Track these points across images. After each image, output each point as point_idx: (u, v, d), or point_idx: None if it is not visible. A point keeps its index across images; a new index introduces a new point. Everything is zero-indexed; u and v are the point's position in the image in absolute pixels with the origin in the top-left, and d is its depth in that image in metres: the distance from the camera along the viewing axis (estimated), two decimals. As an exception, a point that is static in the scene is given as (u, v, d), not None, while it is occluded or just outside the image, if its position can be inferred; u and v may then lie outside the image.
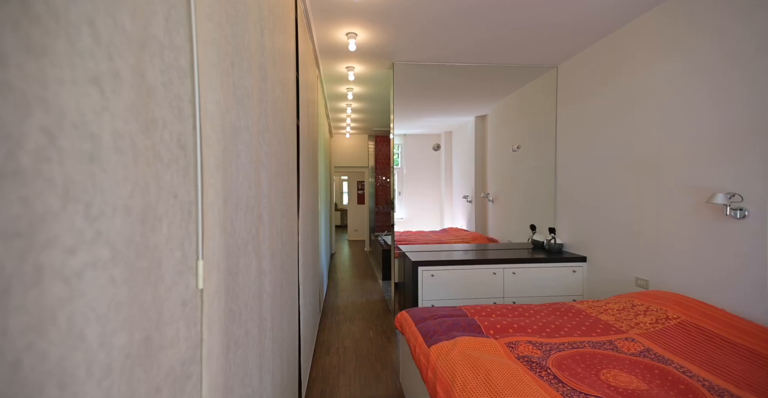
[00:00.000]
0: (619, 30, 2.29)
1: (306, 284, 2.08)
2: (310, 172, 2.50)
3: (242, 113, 0.82)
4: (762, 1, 1.50)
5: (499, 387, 1.12)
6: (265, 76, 1.09)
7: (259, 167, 1.03)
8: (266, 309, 1.07)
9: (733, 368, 1.25)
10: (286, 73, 1.48)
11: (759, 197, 1.52)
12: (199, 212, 0.55)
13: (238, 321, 0.76)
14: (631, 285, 2.18)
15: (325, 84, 3.60)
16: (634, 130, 2.17)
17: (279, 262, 1.33)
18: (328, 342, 2.68)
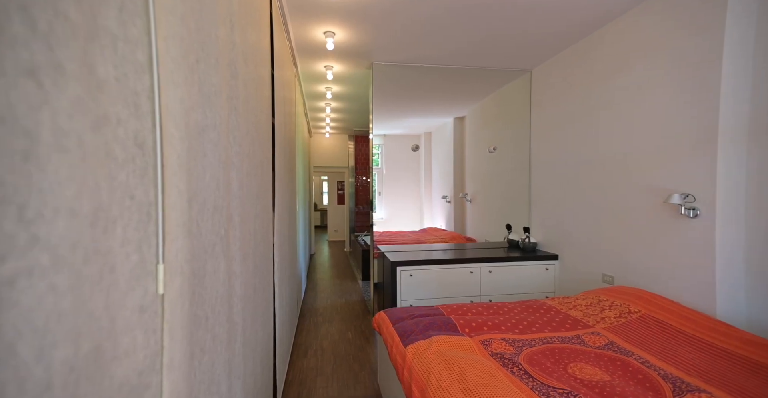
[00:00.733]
0: (588, 38, 2.39)
1: (282, 285, 2.04)
2: (287, 172, 2.45)
3: (209, 110, 0.79)
4: (711, 20, 1.61)
5: (472, 385, 1.14)
6: (235, 73, 1.05)
7: (228, 167, 1.00)
8: (237, 313, 1.04)
9: (685, 357, 1.33)
10: (259, 70, 1.45)
11: (708, 198, 1.63)
12: (160, 213, 0.52)
13: (205, 326, 0.73)
14: (599, 282, 2.29)
15: (304, 83, 3.55)
16: (601, 133, 2.28)
17: (252, 264, 1.30)
18: (305, 344, 2.64)
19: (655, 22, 1.91)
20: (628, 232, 2.06)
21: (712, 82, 1.62)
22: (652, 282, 1.90)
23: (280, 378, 1.90)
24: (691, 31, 1.72)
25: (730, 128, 1.60)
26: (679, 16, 1.78)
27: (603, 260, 2.26)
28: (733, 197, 1.61)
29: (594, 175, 2.33)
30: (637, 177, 2.01)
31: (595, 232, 2.33)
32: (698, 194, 1.66)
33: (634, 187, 2.02)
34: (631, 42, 2.06)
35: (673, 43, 1.80)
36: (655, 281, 1.89)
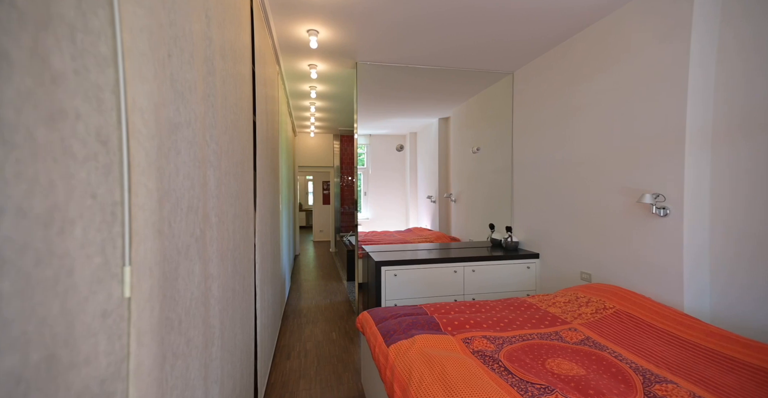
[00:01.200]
0: (565, 42, 2.45)
1: (264, 287, 2.01)
2: (270, 171, 2.41)
3: (183, 107, 0.77)
4: (678, 29, 1.68)
5: (452, 382, 1.15)
6: (212, 69, 1.03)
7: (205, 166, 0.97)
8: (214, 316, 1.01)
9: (655, 350, 1.39)
10: (239, 67, 1.42)
11: (677, 197, 1.71)
12: (126, 213, 0.50)
13: (178, 330, 0.71)
14: (577, 279, 2.35)
15: (287, 81, 3.50)
16: (578, 135, 2.34)
17: (231, 265, 1.27)
18: (289, 346, 2.60)
19: (627, 28, 1.98)
20: (605, 231, 2.13)
21: (679, 87, 1.69)
22: (627, 279, 1.97)
23: (262, 381, 1.87)
24: (660, 39, 1.79)
25: (696, 131, 1.67)
26: (649, 24, 1.86)
27: (581, 258, 2.33)
28: (699, 198, 1.69)
29: (573, 176, 2.40)
30: (612, 178, 2.08)
31: (573, 231, 2.40)
32: (668, 194, 1.74)
33: (610, 187, 2.09)
34: (605, 47, 2.13)
35: (645, 49, 1.87)
36: (630, 277, 1.95)
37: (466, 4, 2.00)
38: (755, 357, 1.24)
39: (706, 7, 1.64)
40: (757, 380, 1.16)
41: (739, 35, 1.58)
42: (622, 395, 1.11)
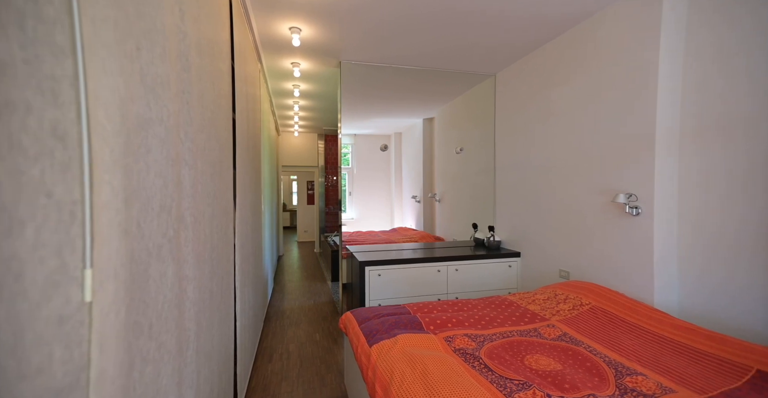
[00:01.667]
0: (544, 46, 2.51)
1: (244, 288, 1.96)
2: (251, 170, 2.37)
3: (154, 103, 0.74)
4: (648, 36, 1.74)
5: (433, 381, 1.15)
6: (187, 65, 0.99)
7: (179, 164, 0.94)
8: (189, 319, 0.98)
9: (627, 344, 1.44)
10: (217, 64, 1.38)
11: (648, 197, 1.78)
12: (87, 213, 0.48)
13: (148, 335, 0.68)
14: (556, 277, 2.41)
15: (270, 79, 3.45)
16: (558, 137, 2.40)
17: (208, 267, 1.23)
18: (271, 348, 2.56)
19: (600, 35, 2.05)
20: (582, 230, 2.19)
21: (650, 91, 1.77)
22: (602, 276, 2.03)
23: (242, 384, 1.83)
24: (632, 46, 1.86)
25: (665, 134, 1.75)
26: (621, 32, 1.93)
27: (560, 256, 2.39)
28: (668, 197, 1.76)
29: (552, 176, 2.46)
30: (589, 179, 2.14)
31: (552, 230, 2.46)
32: (640, 194, 1.81)
33: (587, 188, 2.15)
34: (581, 52, 2.19)
35: (618, 55, 1.94)
36: (605, 274, 2.02)
37: (447, 7, 2.02)
38: (716, 348, 1.31)
39: (673, 16, 1.72)
40: (717, 369, 1.23)
41: (703, 43, 1.66)
42: (596, 388, 1.14)
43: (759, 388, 1.09)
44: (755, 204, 1.48)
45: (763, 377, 1.14)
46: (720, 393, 1.09)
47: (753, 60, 1.49)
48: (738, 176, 1.54)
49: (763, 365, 1.18)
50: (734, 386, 1.12)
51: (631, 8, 1.88)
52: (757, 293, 1.47)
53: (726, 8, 1.58)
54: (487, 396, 1.08)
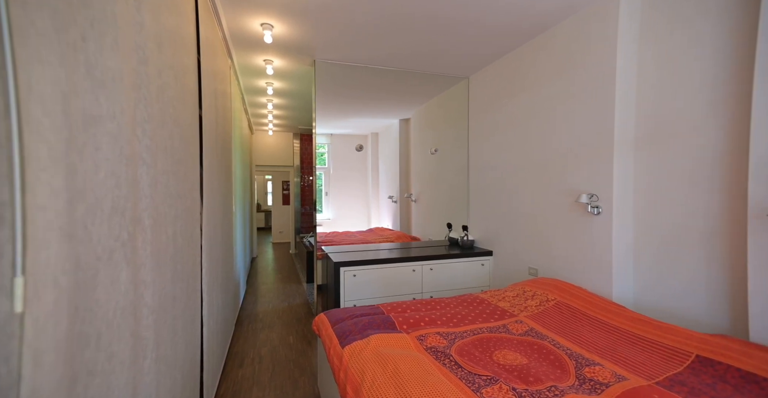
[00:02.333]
0: (513, 52, 2.59)
1: (213, 292, 1.89)
2: (221, 169, 2.28)
3: (104, 98, 0.69)
4: (607, 45, 1.84)
5: (404, 379, 1.16)
6: (145, 58, 0.94)
7: (136, 163, 0.89)
8: (147, 326, 0.93)
9: (587, 336, 1.52)
10: (180, 58, 1.32)
11: (607, 197, 1.88)
12: (18, 215, 0.44)
13: (96, 345, 0.64)
14: (526, 274, 2.49)
15: (241, 76, 3.34)
16: (526, 140, 2.48)
17: (170, 270, 1.17)
18: (242, 353, 2.48)
19: (564, 43, 2.15)
20: (549, 228, 2.28)
21: (608, 97, 1.88)
22: (568, 272, 2.13)
23: (209, 392, 1.76)
24: (592, 54, 1.97)
25: (621, 137, 1.86)
26: (582, 41, 2.03)
27: (529, 254, 2.47)
28: (625, 197, 1.87)
29: (522, 177, 2.54)
30: (555, 180, 2.23)
31: (522, 229, 2.54)
32: (600, 194, 1.91)
33: (553, 188, 2.24)
34: (548, 59, 2.29)
35: (580, 62, 2.05)
36: (570, 271, 2.11)
37: (414, 11, 2.04)
38: (664, 337, 1.41)
39: (627, 28, 1.84)
40: (663, 356, 1.33)
41: (654, 54, 1.78)
42: (558, 379, 1.19)
43: (697, 372, 1.21)
44: (698, 204, 1.60)
45: (701, 361, 1.25)
46: (665, 378, 1.19)
47: (694, 70, 1.62)
48: (683, 177, 1.66)
49: (701, 350, 1.29)
50: (677, 371, 1.22)
51: (590, 21, 1.99)
52: (699, 285, 1.60)
53: (671, 23, 1.70)
54: (455, 392, 1.10)
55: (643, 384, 1.14)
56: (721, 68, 1.52)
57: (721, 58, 1.52)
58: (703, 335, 1.36)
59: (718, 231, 1.53)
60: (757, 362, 1.15)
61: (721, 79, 1.52)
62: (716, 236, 1.54)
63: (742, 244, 1.43)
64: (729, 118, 1.50)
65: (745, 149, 1.41)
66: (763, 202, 1.31)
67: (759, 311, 1.33)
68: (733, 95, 1.48)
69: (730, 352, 1.23)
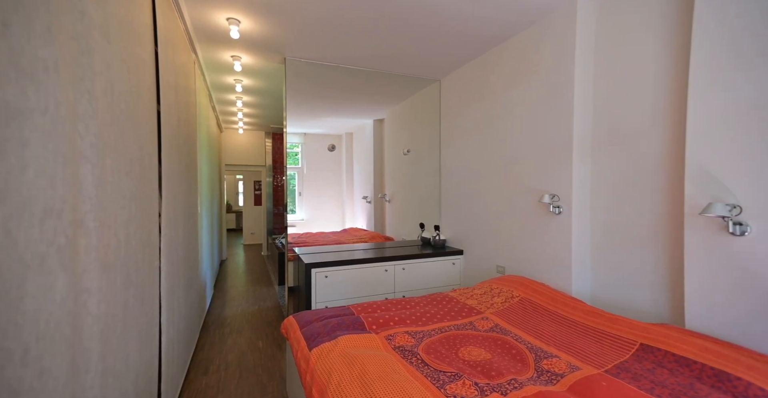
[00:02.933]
0: (482, 57, 2.66)
1: (173, 297, 1.80)
2: (184, 169, 2.18)
3: (33, 90, 0.64)
4: (565, 53, 1.94)
5: (370, 379, 1.16)
6: (88, 49, 0.88)
7: (77, 162, 0.83)
8: (90, 337, 0.86)
9: (547, 330, 1.59)
10: (134, 50, 1.25)
11: (567, 197, 1.98)
12: None
13: (21, 361, 0.59)
14: (494, 272, 2.56)
15: (208, 72, 3.21)
16: (494, 142, 2.56)
17: (121, 276, 1.10)
18: (207, 360, 2.38)
19: (528, 51, 2.24)
20: (515, 227, 2.36)
21: (568, 103, 1.97)
22: (532, 270, 2.21)
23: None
24: (553, 62, 2.06)
25: (580, 141, 1.96)
26: (545, 49, 2.12)
27: (497, 252, 2.54)
28: (583, 197, 1.98)
29: (490, 178, 2.61)
30: (520, 181, 2.31)
31: (490, 228, 2.61)
32: (561, 195, 2.00)
33: (519, 189, 2.32)
34: (513, 65, 2.38)
35: (542, 69, 2.14)
36: (534, 268, 2.20)
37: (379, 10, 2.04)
38: (614, 328, 1.50)
39: (584, 39, 1.94)
40: (613, 345, 1.41)
41: (607, 64, 1.90)
42: (518, 372, 1.24)
43: (640, 358, 1.30)
44: (645, 204, 1.72)
45: (644, 349, 1.34)
46: (613, 366, 1.27)
47: (640, 81, 1.74)
48: (632, 180, 1.78)
49: (644, 339, 1.38)
50: (624, 359, 1.31)
51: (549, 31, 2.08)
52: (645, 278, 1.72)
53: (621, 37, 1.82)
54: (420, 389, 1.11)
55: (593, 373, 1.21)
56: (661, 81, 1.65)
57: (662, 72, 1.65)
58: (647, 324, 1.46)
59: (661, 229, 1.65)
60: (689, 347, 1.26)
61: (662, 91, 1.64)
62: (659, 234, 1.66)
63: (681, 241, 1.54)
64: (669, 127, 1.62)
65: (683, 155, 1.53)
66: (696, 202, 1.43)
67: (694, 300, 1.46)
68: (672, 106, 1.61)
69: (668, 339, 1.32)
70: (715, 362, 1.15)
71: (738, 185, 1.33)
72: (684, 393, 1.07)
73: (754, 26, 1.30)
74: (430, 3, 1.97)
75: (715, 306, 1.39)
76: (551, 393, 1.09)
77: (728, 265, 1.35)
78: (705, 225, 1.41)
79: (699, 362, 1.18)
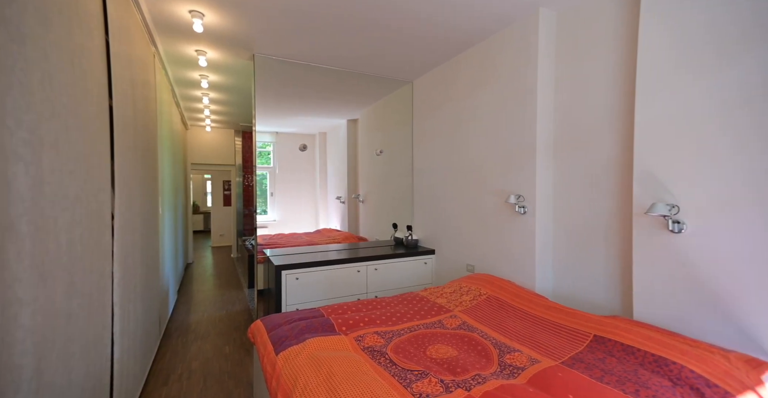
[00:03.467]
0: (452, 60, 2.71)
1: (128, 305, 1.69)
2: (141, 168, 2.06)
3: (-54, 79, 0.57)
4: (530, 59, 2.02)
5: (338, 382, 1.14)
6: (20, 36, 0.80)
7: (7, 160, 0.75)
8: (22, 353, 0.79)
9: (511, 326, 1.65)
10: (77, 39, 1.15)
11: (531, 198, 2.06)
12: None
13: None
14: (464, 271, 2.61)
15: (170, 66, 3.05)
16: (464, 144, 2.61)
17: (63, 284, 1.02)
18: (168, 369, 2.26)
19: (495, 56, 2.31)
20: (483, 227, 2.43)
21: (532, 107, 2.05)
22: (499, 267, 2.28)
23: (124, 417, 1.57)
24: (518, 68, 2.14)
25: (543, 144, 2.05)
26: (509, 55, 2.20)
27: (467, 251, 2.60)
28: (546, 198, 2.06)
29: (459, 179, 2.66)
30: (488, 181, 2.38)
31: (461, 228, 2.66)
32: (526, 195, 2.08)
33: (487, 190, 2.39)
34: (480, 69, 2.44)
35: (508, 74, 2.21)
36: (501, 266, 2.27)
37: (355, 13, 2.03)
38: (572, 321, 1.58)
39: (546, 47, 2.03)
40: (570, 338, 1.48)
41: (567, 72, 1.99)
42: (483, 368, 1.27)
43: (593, 349, 1.38)
44: (600, 204, 1.83)
45: (597, 340, 1.42)
46: (569, 358, 1.34)
47: (595, 89, 1.85)
48: (589, 181, 1.89)
49: (598, 330, 1.47)
50: (579, 350, 1.39)
51: (513, 38, 2.16)
52: (600, 273, 1.83)
53: (578, 47, 1.92)
54: (387, 389, 1.11)
55: (551, 365, 1.28)
56: (613, 89, 1.76)
57: (614, 80, 1.76)
58: (600, 317, 1.55)
59: (614, 228, 1.76)
60: (635, 336, 1.35)
61: (615, 98, 1.76)
62: (612, 232, 1.77)
63: (631, 238, 1.65)
64: (620, 132, 1.73)
65: (632, 159, 1.63)
66: (643, 203, 1.55)
67: (640, 293, 1.57)
68: (623, 112, 1.71)
69: (617, 330, 1.41)
70: (655, 349, 1.25)
71: (676, 186, 1.45)
72: (629, 379, 1.15)
73: (693, 39, 1.41)
74: (401, 6, 1.98)
75: (658, 298, 1.51)
76: (512, 386, 1.12)
77: (668, 259, 1.47)
78: (650, 224, 1.52)
79: (642, 350, 1.27)
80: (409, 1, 1.93)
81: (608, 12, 1.77)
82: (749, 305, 1.26)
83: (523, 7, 2.00)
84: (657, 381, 1.12)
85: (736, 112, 1.29)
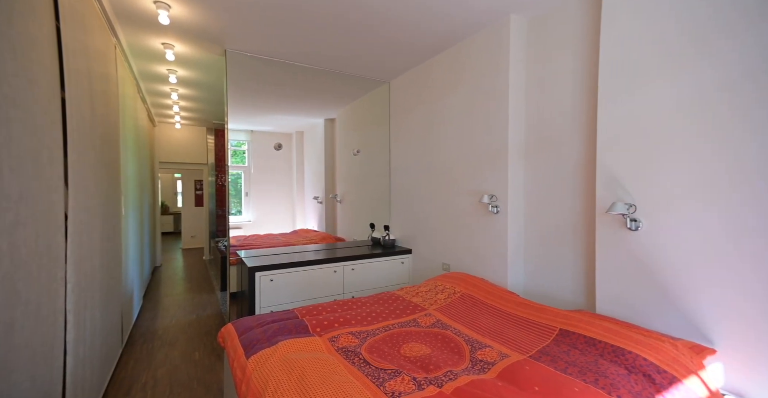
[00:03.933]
0: (427, 61, 2.74)
1: (85, 312, 1.59)
2: (102, 164, 1.94)
3: None
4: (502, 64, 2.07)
5: (310, 384, 1.12)
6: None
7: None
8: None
9: (483, 323, 1.68)
10: (19, 26, 1.07)
11: (504, 198, 2.12)
12: None
13: None
14: (440, 270, 2.64)
15: (134, 59, 2.90)
16: (439, 145, 2.65)
17: (4, 292, 0.94)
18: (130, 378, 2.14)
19: (467, 59, 2.36)
20: (458, 226, 2.46)
21: (504, 110, 2.11)
22: (473, 266, 2.32)
23: (79, 432, 1.47)
24: (491, 71, 2.19)
25: (514, 146, 2.11)
26: (482, 58, 2.25)
27: (443, 251, 2.63)
28: (517, 198, 2.13)
29: (435, 179, 2.69)
30: (462, 182, 2.42)
31: (436, 227, 2.69)
32: (499, 195, 2.13)
33: (461, 190, 2.42)
34: (454, 71, 2.48)
35: (481, 77, 2.26)
36: (475, 264, 2.31)
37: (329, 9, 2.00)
38: (540, 317, 1.63)
39: (516, 52, 2.09)
40: (538, 333, 1.53)
41: (537, 77, 2.06)
42: (455, 364, 1.29)
43: (559, 342, 1.43)
44: (567, 204, 1.91)
45: (562, 333, 1.48)
46: (536, 351, 1.38)
47: (562, 94, 1.92)
48: (556, 182, 1.96)
49: (563, 324, 1.52)
50: (546, 344, 1.43)
51: (487, 44, 2.21)
52: (567, 270, 1.90)
53: (546, 53, 2.00)
54: (360, 389, 1.09)
55: (519, 359, 1.32)
56: (579, 93, 1.84)
57: (579, 85, 1.83)
58: (566, 312, 1.61)
59: (580, 226, 1.83)
60: (596, 329, 1.41)
61: (580, 102, 1.83)
62: (579, 230, 1.84)
63: (595, 236, 1.72)
64: (586, 134, 1.80)
65: (595, 161, 1.71)
66: (605, 202, 1.63)
67: (602, 288, 1.65)
68: (589, 115, 1.79)
69: (581, 323, 1.47)
70: (614, 340, 1.32)
71: (633, 186, 1.53)
72: (590, 369, 1.20)
73: (646, 44, 1.48)
74: (377, 7, 1.97)
75: (617, 292, 1.59)
76: (482, 381, 1.14)
77: (627, 255, 1.55)
78: (611, 222, 1.59)
79: (603, 341, 1.33)
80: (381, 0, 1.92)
81: (576, 18, 1.84)
82: (694, 296, 1.36)
83: (495, 14, 2.05)
84: (614, 370, 1.17)
85: (690, 114, 1.37)
